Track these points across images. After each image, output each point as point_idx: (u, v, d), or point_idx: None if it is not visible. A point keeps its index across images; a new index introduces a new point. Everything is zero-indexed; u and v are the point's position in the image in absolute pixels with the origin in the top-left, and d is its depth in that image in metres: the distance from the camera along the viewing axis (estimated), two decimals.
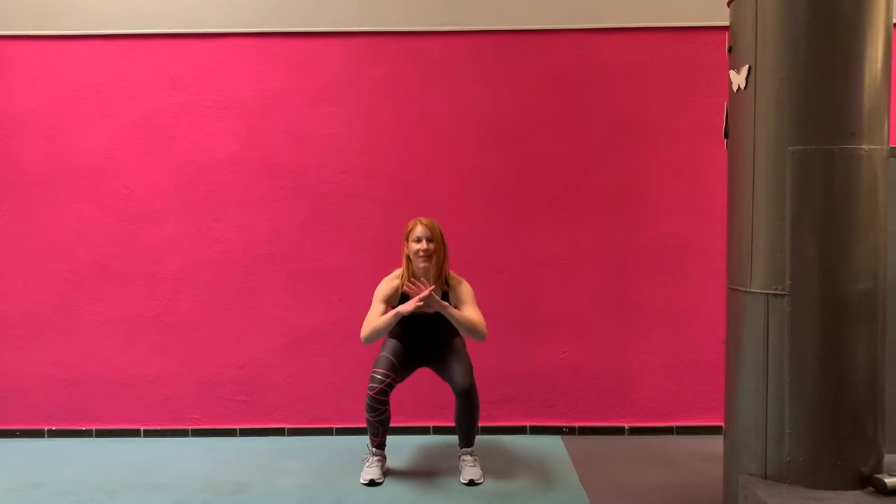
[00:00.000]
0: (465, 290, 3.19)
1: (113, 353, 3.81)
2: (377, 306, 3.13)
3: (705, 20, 3.66)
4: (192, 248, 3.79)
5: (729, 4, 2.55)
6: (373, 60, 3.75)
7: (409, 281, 3.07)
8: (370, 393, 3.07)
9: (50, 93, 3.76)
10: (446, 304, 3.06)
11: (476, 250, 3.76)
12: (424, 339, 3.22)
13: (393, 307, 3.12)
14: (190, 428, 3.82)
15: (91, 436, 3.82)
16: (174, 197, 3.78)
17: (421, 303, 2.98)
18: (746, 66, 2.40)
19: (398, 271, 3.21)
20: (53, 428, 3.83)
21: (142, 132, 3.77)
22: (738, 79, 2.45)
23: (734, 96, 2.50)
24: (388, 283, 3.18)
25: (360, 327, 3.68)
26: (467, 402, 3.08)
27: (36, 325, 3.80)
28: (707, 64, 3.66)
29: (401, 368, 3.16)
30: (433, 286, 3.04)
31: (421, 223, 3.14)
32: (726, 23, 2.63)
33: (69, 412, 3.82)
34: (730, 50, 2.53)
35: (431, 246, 3.11)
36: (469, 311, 3.12)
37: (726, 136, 2.59)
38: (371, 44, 3.74)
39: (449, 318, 3.06)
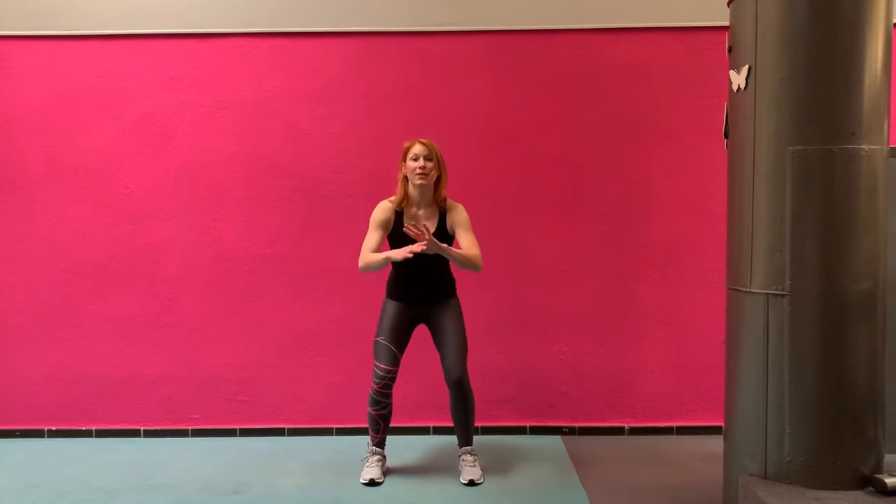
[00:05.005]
0: (462, 214, 3.14)
1: (113, 353, 3.81)
2: (373, 233, 3.09)
3: (705, 20, 3.66)
4: (192, 248, 3.79)
5: (729, 4, 2.55)
6: (373, 60, 3.74)
7: (407, 226, 2.94)
8: (374, 387, 3.08)
9: (50, 93, 3.76)
10: (445, 245, 2.99)
11: None
12: (422, 287, 3.12)
13: (388, 233, 3.10)
14: (190, 428, 3.82)
15: (91, 436, 3.82)
16: (174, 197, 3.78)
17: (420, 249, 2.90)
18: (746, 66, 2.40)
19: (395, 196, 3.14)
20: (53, 428, 3.83)
21: (142, 132, 3.77)
22: (738, 79, 2.45)
23: (734, 96, 2.50)
24: (384, 207, 3.13)
25: (360, 328, 3.69)
26: (460, 394, 3.09)
27: (36, 325, 3.80)
28: (707, 64, 3.66)
29: (401, 349, 3.14)
30: (430, 233, 2.92)
31: (419, 142, 3.09)
32: (726, 23, 2.63)
33: (69, 412, 3.82)
34: (730, 50, 2.53)
35: (430, 164, 3.06)
36: (466, 242, 3.07)
37: (726, 136, 2.59)
38: (371, 44, 3.74)
39: (448, 258, 3.03)
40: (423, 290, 3.14)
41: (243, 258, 3.79)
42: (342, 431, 3.81)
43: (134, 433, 3.82)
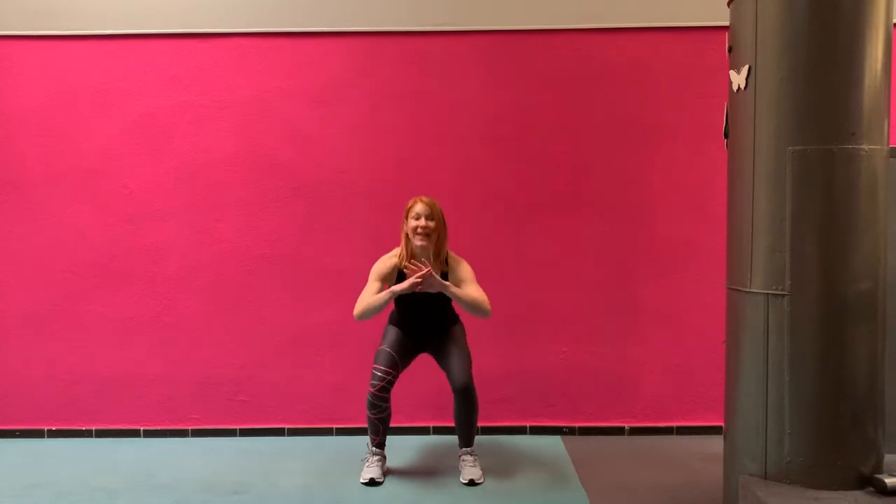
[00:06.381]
0: (465, 269, 3.16)
1: (113, 353, 3.81)
2: (372, 284, 3.10)
3: (705, 20, 3.66)
4: (192, 248, 3.79)
5: (729, 4, 2.55)
6: (373, 60, 3.74)
7: (408, 261, 3.04)
8: (372, 390, 3.07)
9: (50, 93, 3.75)
10: (447, 283, 3.03)
11: (476, 250, 3.75)
12: (424, 322, 3.19)
13: (389, 285, 3.11)
14: (190, 428, 3.82)
15: (91, 436, 3.82)
16: (174, 197, 3.78)
17: (418, 282, 2.95)
18: (746, 66, 2.40)
19: (396, 250, 3.19)
20: (53, 428, 3.83)
21: (142, 132, 3.77)
22: (738, 79, 2.45)
23: (734, 96, 2.50)
24: (385, 262, 3.16)
25: (360, 328, 3.69)
26: (466, 401, 3.08)
27: (36, 325, 3.80)
28: (707, 64, 3.66)
29: (402, 360, 3.15)
30: (430, 268, 2.99)
31: (421, 201, 3.11)
32: (726, 23, 2.63)
33: (69, 412, 3.82)
34: (730, 50, 2.53)
35: (431, 224, 3.08)
36: (471, 289, 3.10)
37: (726, 136, 2.59)
38: (371, 44, 3.74)
39: (451, 296, 3.04)
40: (426, 323, 3.19)
41: (243, 258, 3.79)
42: (342, 431, 3.81)
43: (134, 433, 3.82)
